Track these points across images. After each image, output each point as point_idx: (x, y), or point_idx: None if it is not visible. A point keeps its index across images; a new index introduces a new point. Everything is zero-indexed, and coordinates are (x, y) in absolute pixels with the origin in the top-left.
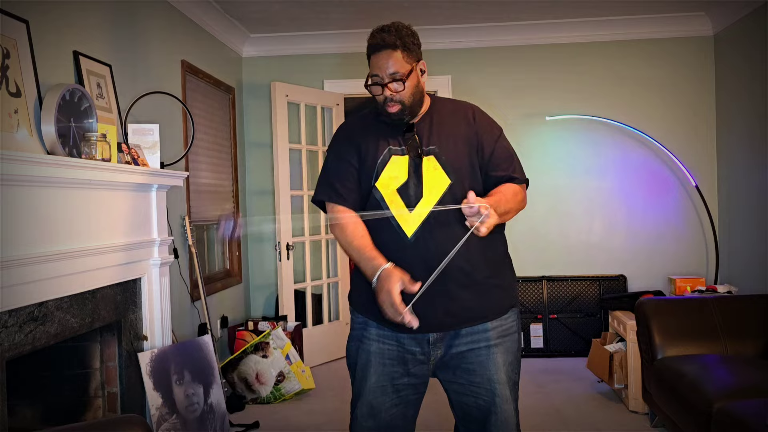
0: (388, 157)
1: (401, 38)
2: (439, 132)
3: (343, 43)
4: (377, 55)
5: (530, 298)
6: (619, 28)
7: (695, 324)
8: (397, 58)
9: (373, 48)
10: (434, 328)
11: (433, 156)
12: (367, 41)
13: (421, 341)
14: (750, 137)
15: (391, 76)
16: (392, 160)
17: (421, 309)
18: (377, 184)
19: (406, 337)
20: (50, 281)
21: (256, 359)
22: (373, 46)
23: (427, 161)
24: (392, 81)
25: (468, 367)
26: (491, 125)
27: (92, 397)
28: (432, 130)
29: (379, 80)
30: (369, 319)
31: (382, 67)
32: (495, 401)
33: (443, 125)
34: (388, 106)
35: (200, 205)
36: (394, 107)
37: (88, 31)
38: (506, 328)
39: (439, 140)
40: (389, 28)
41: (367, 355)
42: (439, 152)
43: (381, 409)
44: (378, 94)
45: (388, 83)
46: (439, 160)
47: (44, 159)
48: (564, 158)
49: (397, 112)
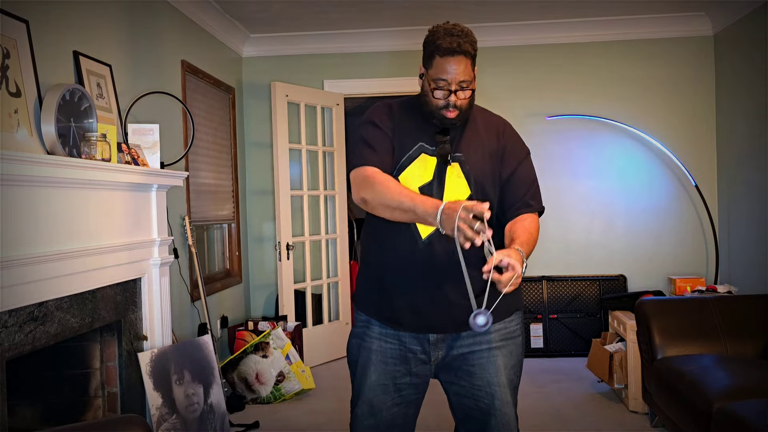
0: (417, 154)
1: (472, 45)
2: (469, 141)
3: (343, 43)
4: (449, 60)
5: (530, 298)
6: (619, 28)
7: (695, 324)
8: (468, 65)
9: (447, 51)
10: (436, 329)
11: (458, 163)
12: (431, 40)
13: (422, 341)
14: (750, 137)
15: (460, 84)
16: (420, 158)
17: (424, 309)
18: (399, 178)
19: (408, 336)
20: (50, 281)
21: (256, 359)
22: (447, 50)
23: (452, 168)
24: (460, 89)
25: (469, 369)
26: (519, 145)
27: (92, 397)
28: (462, 138)
29: (446, 85)
30: (372, 318)
31: (452, 73)
32: (495, 404)
33: (474, 136)
34: (448, 111)
35: (200, 205)
36: (454, 113)
37: (88, 31)
38: (510, 332)
39: (467, 149)
40: (462, 32)
41: (368, 353)
42: (465, 161)
43: (382, 408)
44: (441, 98)
45: (456, 90)
46: (462, 169)
47: (44, 159)
48: (564, 158)
49: (455, 118)
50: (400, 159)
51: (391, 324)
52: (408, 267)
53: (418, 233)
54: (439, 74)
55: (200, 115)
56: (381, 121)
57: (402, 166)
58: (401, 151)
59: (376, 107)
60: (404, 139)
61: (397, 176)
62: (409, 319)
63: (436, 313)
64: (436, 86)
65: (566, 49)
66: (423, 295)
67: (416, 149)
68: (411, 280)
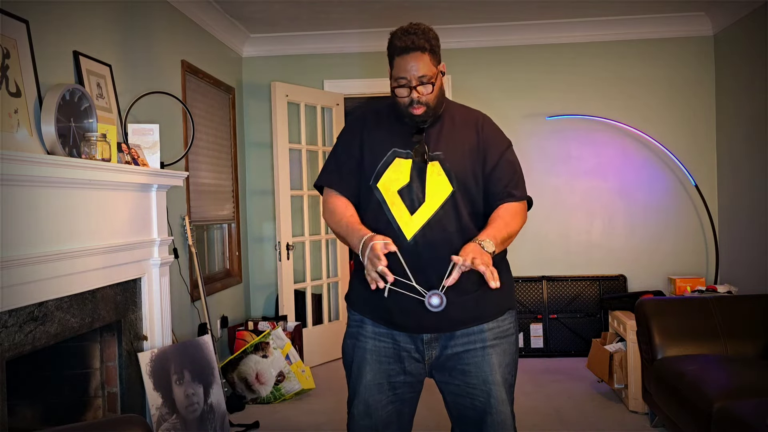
0: (391, 159)
1: (429, 41)
2: (447, 138)
3: (343, 43)
4: (404, 57)
5: (530, 298)
6: (619, 28)
7: (695, 324)
8: (425, 60)
9: (401, 50)
10: (429, 329)
11: (437, 162)
12: (390, 41)
13: (415, 340)
14: (750, 137)
15: (420, 79)
16: (395, 163)
17: (416, 309)
18: (379, 185)
19: (401, 335)
20: (50, 281)
21: (256, 359)
22: (401, 48)
23: (432, 166)
24: (420, 84)
25: (463, 368)
26: (499, 138)
27: (92, 397)
28: (440, 135)
29: (406, 83)
30: (365, 317)
31: (410, 70)
32: (491, 402)
33: (452, 132)
34: (414, 109)
35: (200, 205)
36: (420, 109)
37: (88, 31)
38: (503, 330)
39: (446, 147)
40: (416, 30)
41: (363, 353)
42: (444, 158)
43: (377, 407)
44: (404, 96)
45: (417, 86)
46: (443, 167)
47: (44, 159)
48: (564, 158)
49: (422, 114)
50: (377, 167)
51: (385, 323)
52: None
53: (403, 235)
54: (399, 73)
55: (200, 115)
56: (347, 138)
57: (379, 173)
58: (376, 159)
59: (348, 125)
60: (378, 148)
61: (376, 183)
62: (401, 318)
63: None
64: (398, 84)
65: (566, 49)
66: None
67: (390, 155)
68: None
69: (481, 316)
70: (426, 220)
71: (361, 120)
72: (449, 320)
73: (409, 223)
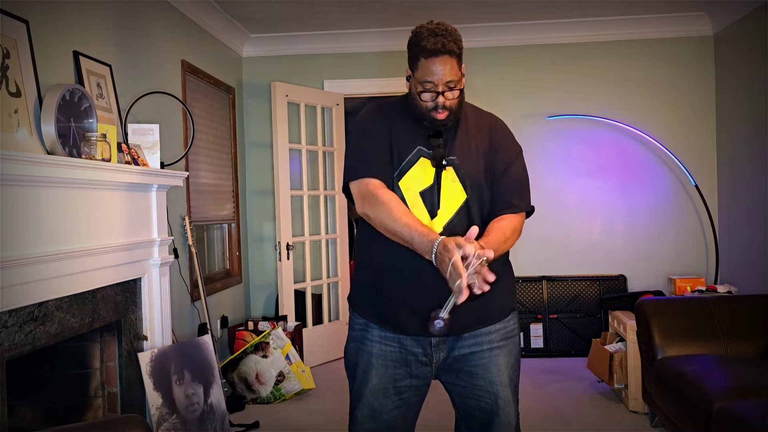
0: (416, 158)
1: (457, 43)
2: (462, 143)
3: (343, 43)
4: (434, 60)
5: (530, 298)
6: (619, 28)
7: (695, 324)
8: (454, 65)
9: (430, 53)
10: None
11: (452, 167)
12: (414, 42)
13: (423, 343)
14: (750, 137)
15: (447, 84)
16: (420, 162)
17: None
18: (400, 184)
19: (408, 339)
20: (50, 281)
21: (256, 359)
22: (432, 51)
23: (446, 172)
24: (448, 89)
25: (471, 370)
26: (510, 143)
27: (92, 397)
28: (456, 139)
29: (432, 87)
30: (371, 321)
31: (438, 74)
32: (498, 403)
33: (466, 136)
34: (438, 113)
35: (200, 205)
36: (443, 114)
37: (88, 31)
38: (509, 331)
39: (461, 152)
40: (446, 31)
41: (369, 357)
42: (459, 164)
43: (382, 411)
44: (428, 101)
45: (444, 92)
46: (457, 173)
47: (44, 159)
48: (564, 158)
49: (444, 119)
50: (401, 163)
51: (392, 328)
52: (404, 268)
53: None
54: (425, 76)
55: (200, 115)
56: (376, 129)
57: (402, 170)
58: (400, 155)
59: (368, 111)
60: (402, 142)
61: (398, 181)
62: (410, 322)
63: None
64: (423, 88)
65: (566, 49)
66: (422, 298)
67: (415, 153)
68: (409, 282)
69: (488, 317)
70: (442, 227)
71: (380, 110)
72: (459, 323)
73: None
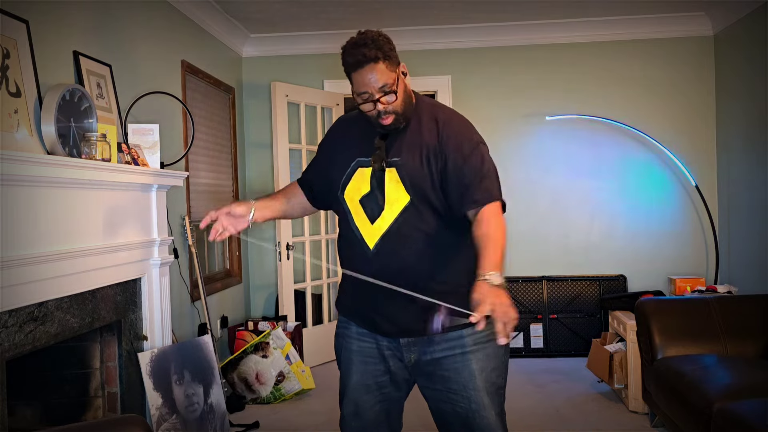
0: (354, 170)
1: (380, 48)
2: (408, 143)
3: (343, 43)
4: (360, 72)
5: (530, 298)
6: (619, 28)
7: (695, 324)
8: (381, 70)
9: (354, 65)
10: (404, 333)
11: (394, 168)
12: (342, 58)
13: (392, 341)
14: (750, 137)
15: (381, 89)
16: (357, 172)
17: (391, 314)
18: (344, 197)
19: (382, 336)
20: (50, 281)
21: (256, 359)
22: (354, 63)
23: (389, 173)
24: (383, 95)
25: (443, 374)
26: (463, 139)
27: (92, 397)
28: (403, 140)
29: (369, 97)
30: (350, 319)
31: (369, 83)
32: (472, 407)
33: (414, 136)
34: (383, 120)
35: (200, 205)
36: (389, 119)
37: (88, 31)
38: (486, 335)
39: (406, 152)
40: (365, 41)
41: (349, 354)
42: (401, 165)
43: (366, 407)
44: (371, 110)
45: (380, 98)
46: (399, 173)
47: (44, 159)
48: (564, 158)
49: (392, 123)
50: (341, 178)
51: (366, 326)
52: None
53: (366, 244)
54: (358, 88)
55: (200, 115)
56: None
57: (344, 184)
58: (341, 170)
59: (331, 127)
60: (341, 158)
61: (342, 194)
62: (378, 322)
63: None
64: (362, 99)
65: (566, 49)
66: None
67: (353, 165)
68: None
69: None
70: (386, 229)
71: (334, 131)
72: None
73: (371, 232)
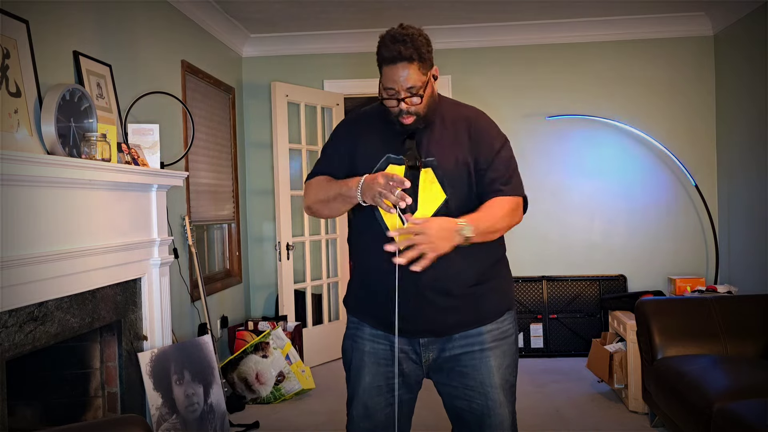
0: (384, 166)
1: (417, 49)
2: (439, 143)
3: (343, 43)
4: (392, 68)
5: (530, 298)
6: (619, 28)
7: (695, 324)
8: (413, 71)
9: (388, 60)
10: (425, 333)
11: (430, 168)
12: (378, 48)
13: (412, 342)
14: (750, 137)
15: (408, 90)
16: (389, 169)
17: (411, 315)
18: None
19: (399, 337)
20: (50, 281)
21: (256, 359)
22: (389, 58)
23: (425, 174)
24: (410, 95)
25: (462, 371)
26: (491, 137)
27: (92, 397)
28: (432, 139)
29: (394, 94)
30: (362, 321)
31: (397, 81)
32: (488, 405)
33: (443, 135)
34: (403, 119)
35: (200, 205)
36: (409, 119)
37: (88, 31)
38: (503, 331)
39: (438, 151)
40: (404, 37)
41: (361, 355)
42: (437, 165)
43: (376, 409)
44: (393, 107)
45: (406, 98)
46: (436, 173)
47: (44, 159)
48: (564, 158)
49: (412, 123)
50: (370, 171)
51: (383, 327)
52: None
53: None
54: (386, 83)
55: (200, 115)
56: (341, 141)
57: None
58: (369, 165)
59: (341, 124)
60: (370, 153)
61: None
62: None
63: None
64: (387, 95)
65: (566, 49)
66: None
67: (383, 161)
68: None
69: (479, 318)
70: None
71: (352, 124)
72: (447, 325)
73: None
